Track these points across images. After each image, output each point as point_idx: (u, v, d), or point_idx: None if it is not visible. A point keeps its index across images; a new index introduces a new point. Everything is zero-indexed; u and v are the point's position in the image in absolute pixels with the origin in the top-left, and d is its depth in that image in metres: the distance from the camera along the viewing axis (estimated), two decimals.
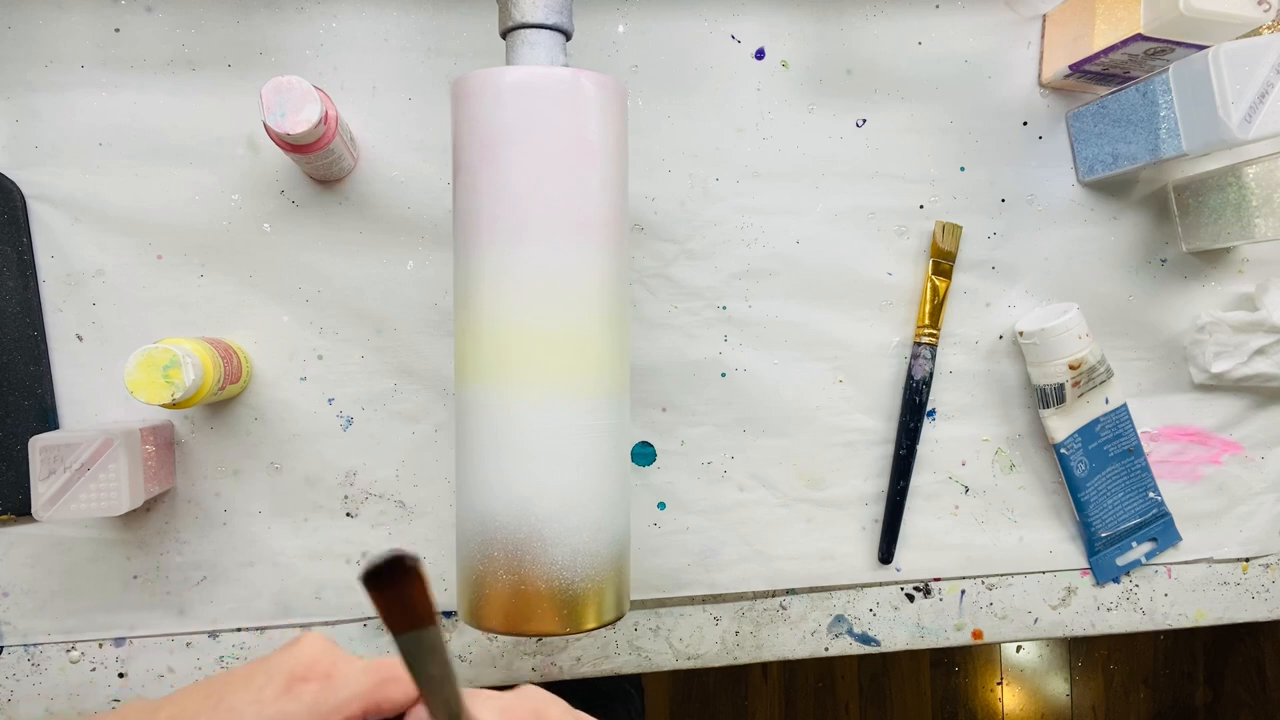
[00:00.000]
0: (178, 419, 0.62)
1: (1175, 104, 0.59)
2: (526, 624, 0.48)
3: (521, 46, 0.50)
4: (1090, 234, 0.69)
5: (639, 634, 0.66)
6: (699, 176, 0.65)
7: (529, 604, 0.48)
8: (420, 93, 0.62)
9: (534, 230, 0.48)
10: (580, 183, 0.49)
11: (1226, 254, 0.71)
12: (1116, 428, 0.69)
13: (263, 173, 0.61)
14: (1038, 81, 0.68)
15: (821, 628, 0.68)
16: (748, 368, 0.66)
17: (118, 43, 0.60)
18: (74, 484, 0.54)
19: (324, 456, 0.63)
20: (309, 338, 0.62)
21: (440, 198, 0.63)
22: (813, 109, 0.66)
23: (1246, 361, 0.69)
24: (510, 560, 0.48)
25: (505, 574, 0.48)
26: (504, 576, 0.48)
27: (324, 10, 0.62)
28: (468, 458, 0.50)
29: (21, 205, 0.59)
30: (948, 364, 0.68)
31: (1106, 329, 0.70)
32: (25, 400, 0.60)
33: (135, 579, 0.61)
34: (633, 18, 0.65)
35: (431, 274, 0.63)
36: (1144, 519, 0.70)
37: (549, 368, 0.48)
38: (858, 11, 0.67)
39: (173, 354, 0.51)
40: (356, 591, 0.63)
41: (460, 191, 0.50)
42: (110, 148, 0.60)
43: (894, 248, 0.67)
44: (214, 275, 0.61)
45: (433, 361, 0.63)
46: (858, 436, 0.68)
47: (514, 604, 0.48)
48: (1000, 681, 1.65)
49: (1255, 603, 0.73)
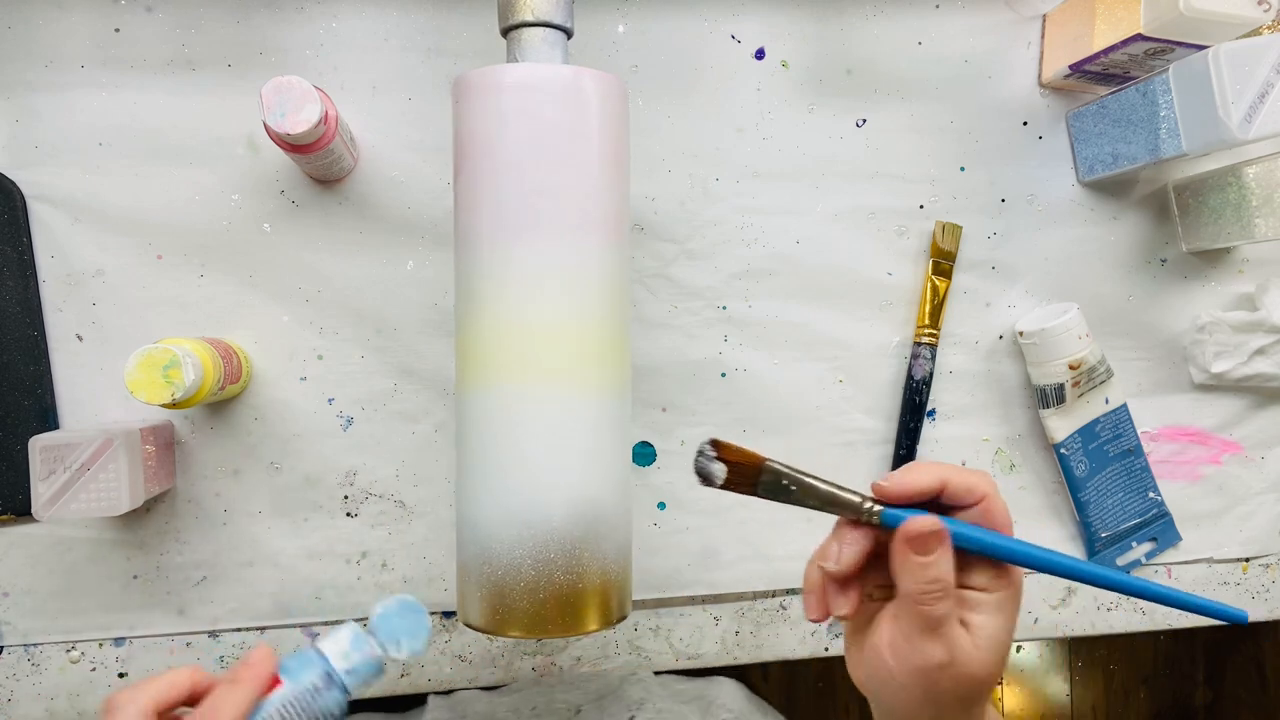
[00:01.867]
0: (178, 419, 0.62)
1: (1175, 104, 0.59)
2: (528, 627, 0.48)
3: (522, 45, 0.50)
4: (1090, 234, 0.69)
5: (639, 634, 0.66)
6: (699, 176, 0.65)
7: (531, 606, 0.48)
8: (420, 93, 0.62)
9: (536, 228, 0.48)
10: (582, 180, 0.49)
11: (1226, 254, 0.71)
12: (1116, 428, 0.69)
13: (263, 173, 0.61)
14: (1038, 81, 0.68)
15: (821, 628, 0.68)
16: (748, 368, 0.66)
17: (118, 43, 0.60)
18: (74, 484, 0.54)
19: (324, 456, 0.63)
20: (309, 338, 0.62)
21: (440, 198, 0.63)
22: (813, 109, 0.66)
23: (1246, 361, 0.69)
24: (511, 562, 0.48)
25: (506, 576, 0.48)
26: (504, 578, 0.48)
27: (324, 10, 0.62)
28: (469, 457, 0.50)
29: (21, 205, 0.59)
30: (948, 364, 0.68)
31: (1106, 329, 0.70)
32: (25, 400, 0.60)
33: (135, 579, 0.61)
34: (633, 18, 0.65)
35: (431, 274, 0.63)
36: (1144, 519, 0.70)
37: (551, 366, 0.48)
38: (858, 11, 0.67)
39: (173, 354, 0.51)
40: (356, 591, 0.63)
41: (462, 190, 0.50)
42: (110, 148, 0.60)
43: (894, 248, 0.67)
44: (214, 275, 0.61)
45: (433, 361, 0.63)
46: (858, 436, 0.67)
47: (515, 606, 0.48)
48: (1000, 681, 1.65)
49: (1255, 603, 0.73)
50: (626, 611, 0.52)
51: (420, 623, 0.45)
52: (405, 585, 0.63)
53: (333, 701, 0.43)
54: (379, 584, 0.63)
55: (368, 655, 0.44)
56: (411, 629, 0.45)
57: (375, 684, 0.45)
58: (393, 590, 0.63)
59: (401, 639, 0.44)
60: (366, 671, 0.44)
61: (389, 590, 0.63)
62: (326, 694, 0.43)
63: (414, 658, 0.44)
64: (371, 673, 0.44)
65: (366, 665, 0.44)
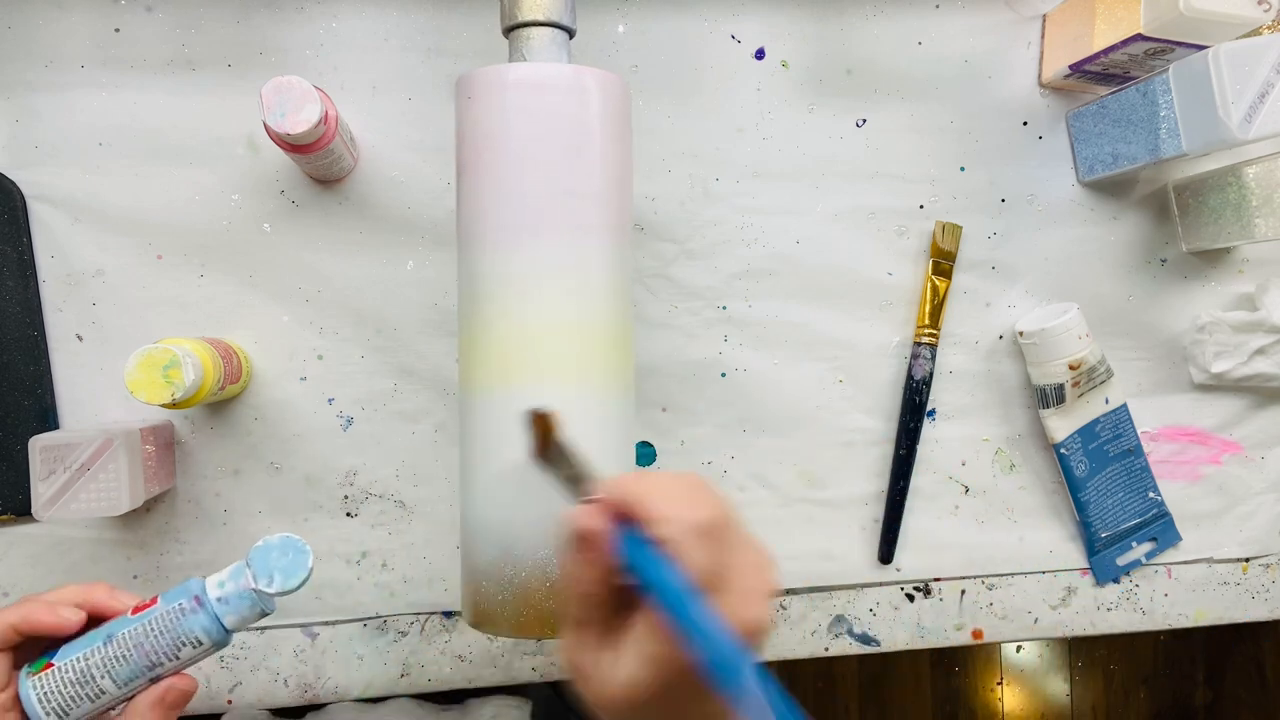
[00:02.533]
0: (178, 419, 0.62)
1: (1175, 104, 0.59)
2: (537, 627, 0.48)
3: (525, 44, 0.50)
4: (1090, 234, 0.69)
5: None
6: (699, 176, 0.65)
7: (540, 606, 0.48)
8: (420, 93, 0.62)
9: (540, 227, 0.48)
10: (585, 179, 0.49)
11: (1226, 254, 0.71)
12: (1116, 428, 0.69)
13: (263, 173, 0.61)
14: (1038, 81, 0.68)
15: (821, 628, 0.68)
16: (748, 368, 0.66)
17: (118, 43, 0.60)
18: (74, 484, 0.54)
19: (324, 456, 0.63)
20: (309, 338, 0.62)
21: (440, 198, 0.63)
22: (813, 109, 0.66)
23: (1246, 361, 0.69)
24: (516, 562, 0.48)
25: (513, 574, 0.48)
26: (511, 575, 0.48)
27: (324, 10, 0.62)
28: (478, 459, 0.50)
29: (21, 205, 0.59)
30: (948, 364, 0.68)
31: (1106, 329, 0.70)
32: (25, 400, 0.60)
33: (135, 579, 0.61)
34: (633, 18, 0.65)
35: (431, 274, 0.63)
36: (1144, 519, 0.70)
37: (556, 365, 0.48)
38: (858, 11, 0.67)
39: (173, 354, 0.51)
40: (356, 591, 0.63)
41: (465, 190, 0.50)
42: (110, 148, 0.60)
43: (894, 248, 0.67)
44: (214, 275, 0.61)
45: (433, 361, 0.63)
46: (858, 436, 0.67)
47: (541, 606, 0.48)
48: (1000, 681, 1.65)
49: (1255, 603, 0.73)
50: None
51: (299, 561, 0.45)
52: (405, 585, 0.63)
53: (198, 625, 0.44)
54: (379, 584, 0.63)
55: (242, 586, 0.45)
56: (288, 566, 0.45)
57: (255, 619, 0.45)
58: (394, 590, 0.63)
59: (275, 574, 0.45)
60: (240, 603, 0.45)
61: (390, 590, 0.63)
62: (193, 616, 0.44)
63: (286, 594, 0.45)
64: (246, 605, 0.45)
65: (240, 596, 0.45)
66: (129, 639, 0.44)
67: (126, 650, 0.44)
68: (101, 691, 0.44)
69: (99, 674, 0.44)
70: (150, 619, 0.44)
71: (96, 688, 0.44)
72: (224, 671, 0.63)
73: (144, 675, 0.44)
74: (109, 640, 0.44)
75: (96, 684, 0.44)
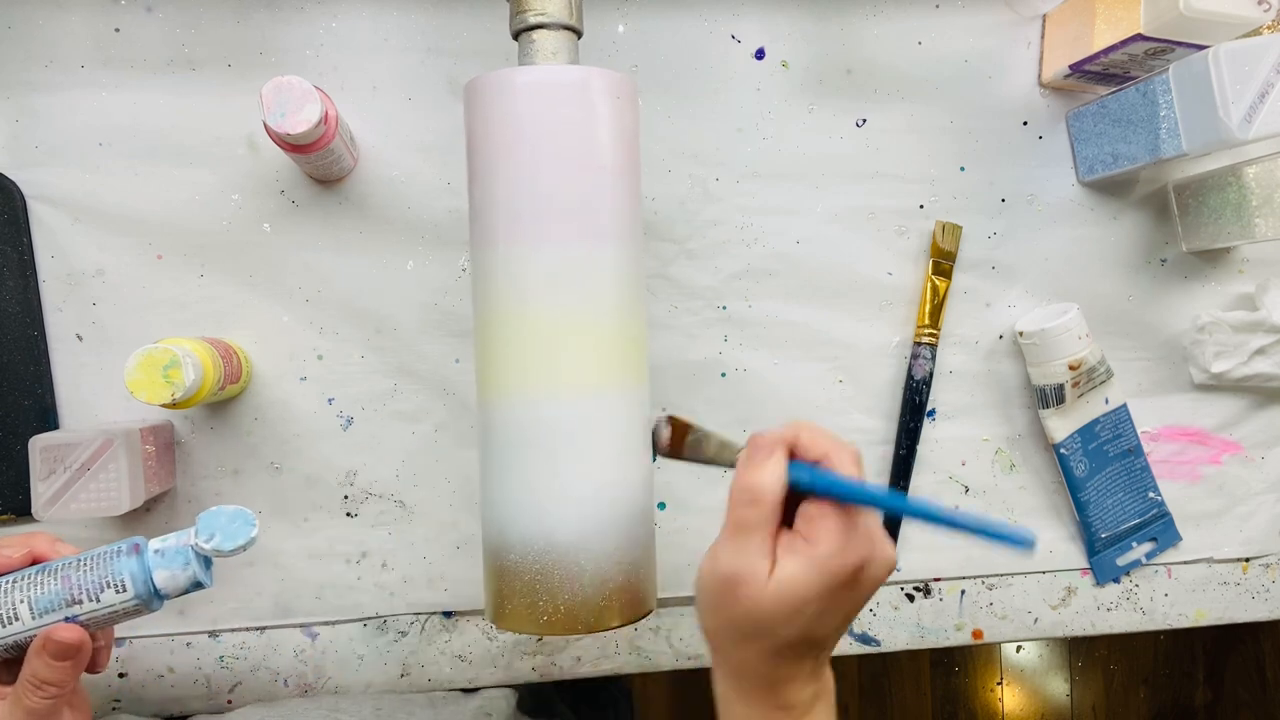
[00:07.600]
0: (178, 419, 0.62)
1: (1175, 104, 0.59)
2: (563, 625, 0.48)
3: (534, 47, 0.50)
4: (1090, 234, 0.69)
5: (639, 634, 0.66)
6: (699, 176, 0.65)
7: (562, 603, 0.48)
8: (420, 93, 0.62)
9: (553, 228, 0.48)
10: (597, 179, 0.49)
11: (1226, 254, 0.71)
12: (1116, 428, 0.69)
13: (263, 173, 0.61)
14: (1038, 81, 0.68)
15: None
16: (748, 368, 0.66)
17: (118, 43, 0.60)
18: (74, 484, 0.54)
19: (324, 456, 0.63)
20: (309, 338, 0.62)
21: (440, 198, 0.63)
22: (813, 109, 0.66)
23: (1246, 361, 0.69)
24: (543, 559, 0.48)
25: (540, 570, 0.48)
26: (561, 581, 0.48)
27: (324, 10, 0.62)
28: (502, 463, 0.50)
29: (21, 205, 0.59)
30: (948, 364, 0.68)
31: (1106, 329, 0.70)
32: (25, 400, 0.60)
33: None
34: (633, 18, 0.65)
35: (431, 274, 0.63)
36: (1144, 519, 0.70)
37: (578, 369, 0.49)
38: (858, 11, 0.67)
39: (173, 354, 0.51)
40: (356, 591, 0.63)
41: (476, 192, 0.50)
42: (110, 148, 0.60)
43: (894, 248, 0.67)
44: (214, 275, 0.61)
45: (433, 361, 0.63)
46: (858, 436, 0.67)
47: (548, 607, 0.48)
48: (1000, 681, 1.65)
49: (1255, 603, 0.73)
50: (653, 606, 0.52)
51: (242, 530, 0.46)
52: (405, 585, 0.63)
53: (126, 568, 0.45)
54: (379, 584, 0.63)
55: (183, 542, 0.46)
56: (232, 531, 0.46)
57: (186, 584, 0.46)
58: (394, 590, 0.63)
59: (216, 534, 0.46)
60: (175, 558, 0.45)
61: (390, 590, 0.63)
62: (125, 559, 0.45)
63: (223, 555, 0.46)
64: (180, 563, 0.45)
65: (177, 551, 0.46)
66: (58, 568, 0.45)
67: (51, 578, 0.45)
68: (15, 616, 0.44)
69: (19, 597, 0.44)
70: (85, 555, 0.45)
71: (13, 610, 0.44)
72: (224, 671, 0.63)
73: (60, 610, 0.44)
74: (41, 570, 0.45)
75: (14, 606, 0.44)
